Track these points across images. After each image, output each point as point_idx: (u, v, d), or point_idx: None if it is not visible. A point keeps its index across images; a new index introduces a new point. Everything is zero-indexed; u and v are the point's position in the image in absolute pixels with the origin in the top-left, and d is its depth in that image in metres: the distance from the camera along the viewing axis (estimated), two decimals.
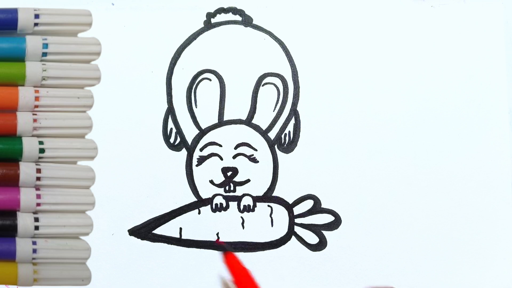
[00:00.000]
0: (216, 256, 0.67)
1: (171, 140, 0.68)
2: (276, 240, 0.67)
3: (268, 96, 0.68)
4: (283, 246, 0.67)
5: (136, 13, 0.68)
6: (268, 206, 0.67)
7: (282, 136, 0.68)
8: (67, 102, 0.51)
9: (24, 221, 0.50)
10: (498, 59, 0.68)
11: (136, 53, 0.68)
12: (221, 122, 0.68)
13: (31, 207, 0.51)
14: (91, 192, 0.52)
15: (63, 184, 0.51)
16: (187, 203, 0.67)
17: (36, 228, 0.51)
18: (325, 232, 0.67)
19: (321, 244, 0.67)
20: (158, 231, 0.67)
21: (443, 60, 0.69)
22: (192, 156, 0.68)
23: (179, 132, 0.68)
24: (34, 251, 0.51)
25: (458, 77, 0.68)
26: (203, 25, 0.69)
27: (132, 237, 0.67)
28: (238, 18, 0.69)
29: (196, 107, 0.68)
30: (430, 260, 0.67)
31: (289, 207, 0.67)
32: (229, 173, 0.68)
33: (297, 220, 0.67)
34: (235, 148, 0.68)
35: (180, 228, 0.67)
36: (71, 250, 0.51)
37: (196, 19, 0.69)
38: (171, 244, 0.67)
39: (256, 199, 0.67)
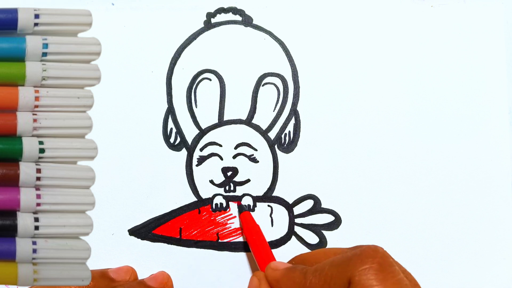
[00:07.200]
0: (216, 256, 0.67)
1: (171, 140, 0.68)
2: (276, 240, 0.67)
3: (268, 96, 0.68)
4: (283, 246, 0.67)
5: (136, 13, 0.68)
6: (268, 206, 0.67)
7: (282, 136, 0.68)
8: (67, 102, 0.51)
9: (24, 221, 0.50)
10: (498, 59, 0.68)
11: (136, 53, 0.68)
12: (221, 122, 0.68)
13: (31, 207, 0.51)
14: (91, 192, 0.52)
15: (63, 184, 0.51)
16: (187, 203, 0.67)
17: (36, 228, 0.51)
18: (325, 232, 0.67)
19: (321, 244, 0.67)
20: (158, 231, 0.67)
21: (443, 60, 0.69)
22: (192, 156, 0.68)
23: (179, 132, 0.68)
24: (34, 251, 0.51)
25: (458, 77, 0.68)
26: (203, 25, 0.69)
27: (132, 237, 0.67)
28: (238, 18, 0.69)
29: (196, 107, 0.68)
30: (430, 260, 0.67)
31: (289, 207, 0.67)
32: (229, 173, 0.68)
33: (297, 220, 0.67)
34: (235, 148, 0.68)
35: (180, 228, 0.67)
36: (71, 250, 0.51)
37: (196, 19, 0.69)
38: (171, 244, 0.67)
39: (256, 199, 0.67)
